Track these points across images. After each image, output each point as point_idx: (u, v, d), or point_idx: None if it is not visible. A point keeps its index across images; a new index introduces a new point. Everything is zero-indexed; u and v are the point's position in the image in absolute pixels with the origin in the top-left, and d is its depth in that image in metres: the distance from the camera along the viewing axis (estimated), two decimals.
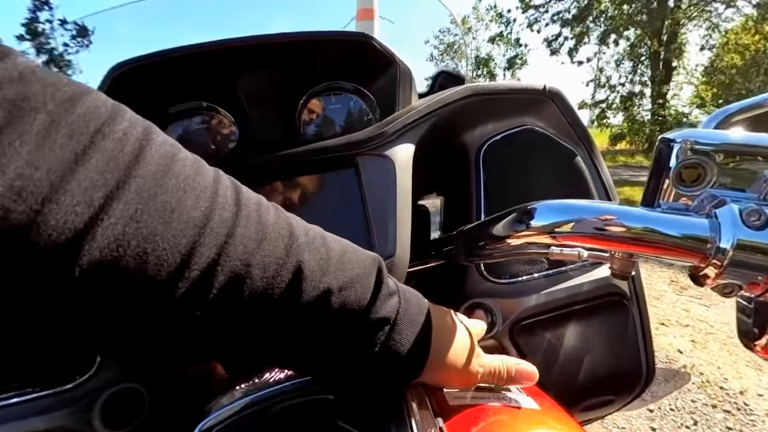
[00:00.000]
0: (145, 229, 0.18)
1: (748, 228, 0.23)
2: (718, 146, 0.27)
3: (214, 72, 0.45)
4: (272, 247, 0.23)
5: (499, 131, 0.59)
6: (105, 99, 0.20)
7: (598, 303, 0.51)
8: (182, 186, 0.21)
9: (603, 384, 0.50)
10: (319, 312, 0.25)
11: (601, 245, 0.30)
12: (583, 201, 0.31)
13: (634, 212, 0.28)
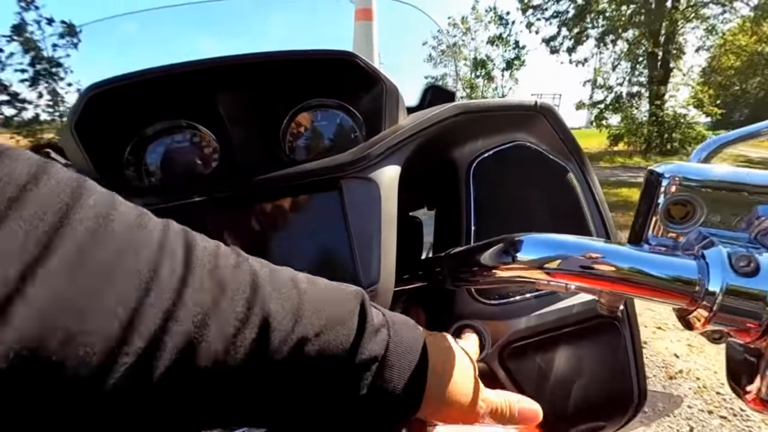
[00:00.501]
0: (72, 306, 0.16)
1: (737, 274, 0.22)
2: (707, 182, 0.26)
3: (193, 91, 0.44)
4: (231, 304, 0.21)
5: (489, 147, 0.58)
6: (27, 158, 0.18)
7: (589, 325, 0.50)
8: (120, 248, 0.18)
9: (594, 409, 0.49)
10: (294, 364, 0.23)
11: (587, 284, 0.29)
12: (571, 237, 0.30)
13: (621, 251, 0.27)
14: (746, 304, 0.22)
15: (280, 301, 0.23)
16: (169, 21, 0.82)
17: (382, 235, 0.42)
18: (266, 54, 0.41)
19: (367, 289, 0.40)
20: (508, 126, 0.58)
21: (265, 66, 0.42)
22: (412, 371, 0.28)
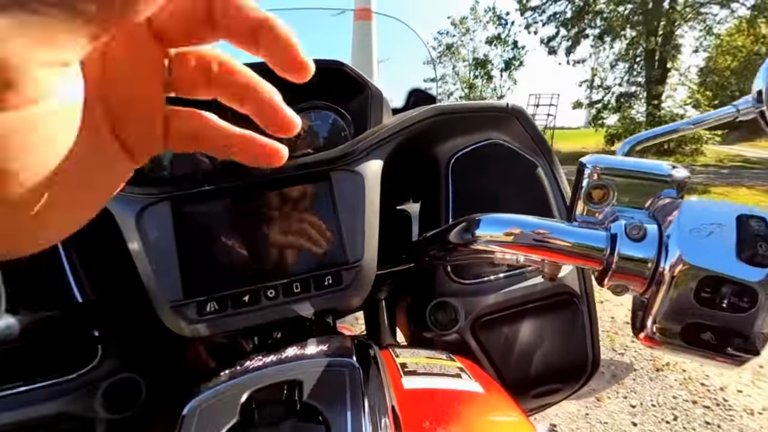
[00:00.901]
0: None
1: (630, 239, 0.29)
2: (619, 171, 0.33)
3: None
4: None
5: (467, 144, 0.65)
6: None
7: (551, 301, 0.56)
8: None
9: (553, 374, 0.56)
10: None
11: (527, 252, 0.35)
12: (518, 216, 0.37)
13: (553, 226, 0.34)
14: (635, 263, 0.29)
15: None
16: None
17: (366, 218, 0.48)
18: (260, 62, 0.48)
19: (353, 263, 0.47)
20: (484, 126, 0.65)
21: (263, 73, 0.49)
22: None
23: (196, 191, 0.47)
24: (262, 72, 0.51)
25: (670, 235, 0.28)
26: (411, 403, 0.38)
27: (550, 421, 1.86)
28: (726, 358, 0.26)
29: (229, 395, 0.34)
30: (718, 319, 0.26)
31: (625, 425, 1.82)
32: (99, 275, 0.52)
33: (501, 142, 0.65)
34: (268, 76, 0.51)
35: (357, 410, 0.32)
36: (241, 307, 0.45)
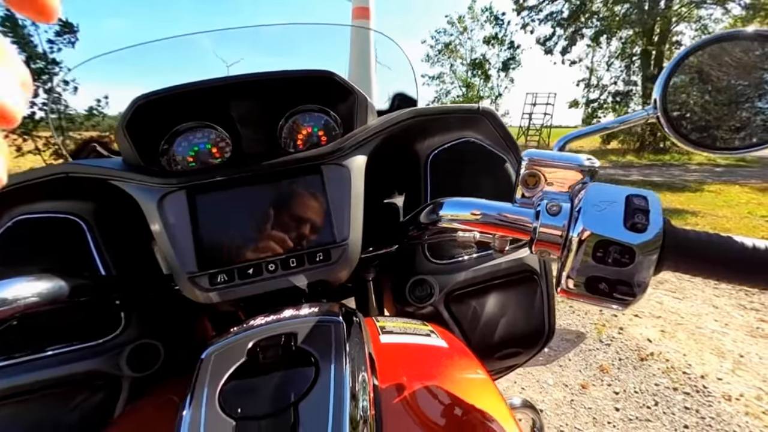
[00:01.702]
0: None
1: (549, 215, 0.38)
2: (546, 162, 0.41)
3: (212, 100, 0.59)
4: None
5: (444, 143, 0.73)
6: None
7: (514, 278, 0.65)
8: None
9: (514, 339, 0.64)
10: None
11: (479, 228, 0.44)
12: (474, 199, 0.45)
13: (497, 207, 0.43)
14: (552, 233, 0.37)
15: None
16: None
17: (352, 205, 0.57)
18: (266, 73, 0.56)
19: (340, 242, 0.55)
20: (459, 126, 0.73)
21: (264, 82, 0.57)
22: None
23: (208, 182, 0.56)
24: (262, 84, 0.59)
25: (578, 210, 0.36)
26: (386, 353, 0.46)
27: (536, 407, 1.95)
28: (615, 302, 0.35)
29: (238, 343, 0.43)
30: (609, 272, 0.35)
31: (607, 410, 1.92)
32: (120, 254, 0.61)
33: (474, 140, 0.73)
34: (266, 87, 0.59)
35: (340, 355, 0.40)
36: (246, 278, 0.53)
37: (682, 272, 0.35)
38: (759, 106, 0.42)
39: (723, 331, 2.62)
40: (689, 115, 0.45)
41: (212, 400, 0.36)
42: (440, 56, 21.29)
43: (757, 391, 2.01)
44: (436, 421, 0.39)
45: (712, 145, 0.42)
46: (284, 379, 0.37)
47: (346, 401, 0.34)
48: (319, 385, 0.36)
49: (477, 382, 0.45)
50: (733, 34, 0.42)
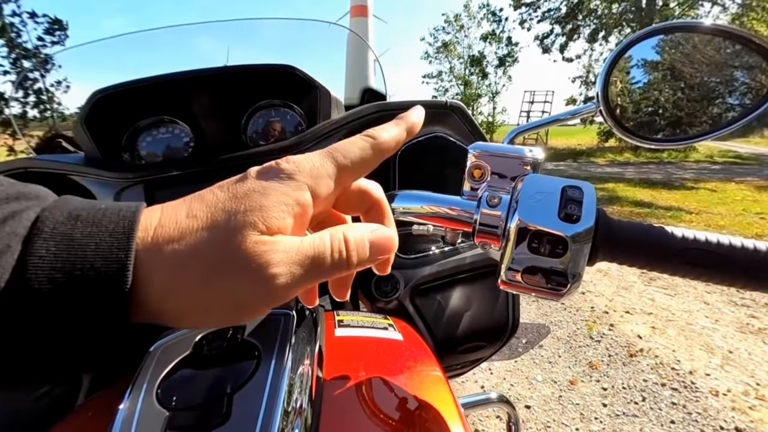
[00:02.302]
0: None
1: (489, 206, 0.38)
2: (491, 154, 0.41)
3: (173, 95, 0.59)
4: None
5: (413, 137, 0.73)
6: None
7: (479, 272, 0.65)
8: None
9: (478, 333, 0.64)
10: None
11: (428, 221, 0.44)
12: (424, 192, 0.45)
13: (445, 199, 0.43)
14: (491, 224, 0.37)
15: None
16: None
17: None
18: (225, 67, 0.56)
19: None
20: (429, 121, 0.73)
21: (225, 76, 0.57)
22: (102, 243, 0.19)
23: (166, 176, 0.56)
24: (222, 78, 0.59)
25: (517, 201, 0.36)
26: (338, 346, 0.46)
27: (525, 403, 1.96)
28: (550, 292, 0.35)
29: (186, 336, 0.43)
30: (544, 263, 0.35)
31: (595, 406, 1.92)
32: None
33: (443, 135, 0.73)
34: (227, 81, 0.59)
35: (283, 347, 0.40)
36: None
37: (618, 262, 0.36)
38: (692, 96, 0.43)
39: (713, 327, 2.63)
40: (631, 107, 0.45)
41: (150, 391, 0.36)
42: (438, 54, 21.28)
43: (745, 386, 2.02)
44: (378, 413, 0.39)
45: (652, 137, 0.42)
46: (224, 371, 0.37)
47: (281, 393, 0.34)
48: (257, 377, 0.36)
49: (427, 377, 0.45)
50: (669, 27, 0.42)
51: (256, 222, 0.21)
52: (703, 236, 0.33)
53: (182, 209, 0.21)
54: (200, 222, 0.20)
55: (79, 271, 0.18)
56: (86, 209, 0.20)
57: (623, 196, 6.68)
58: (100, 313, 0.18)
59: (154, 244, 0.20)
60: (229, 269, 0.20)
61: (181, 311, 0.21)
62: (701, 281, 0.33)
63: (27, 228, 0.18)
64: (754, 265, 0.31)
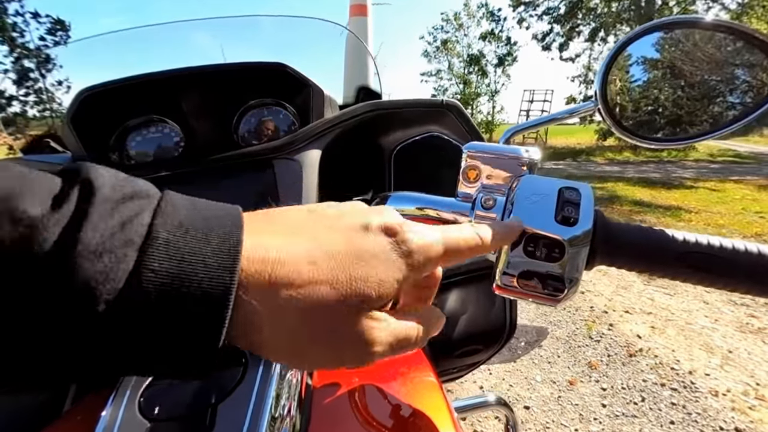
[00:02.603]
0: None
1: (484, 208, 0.36)
2: (486, 154, 0.40)
3: (162, 93, 0.57)
4: None
5: (409, 137, 0.72)
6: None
7: (473, 275, 0.64)
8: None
9: (475, 336, 0.63)
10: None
11: (421, 221, 0.43)
12: (417, 194, 0.44)
13: (439, 200, 0.41)
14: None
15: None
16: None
17: (303, 200, 0.55)
18: (216, 65, 0.55)
19: None
20: (424, 120, 0.72)
21: (215, 74, 0.56)
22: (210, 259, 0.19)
23: (155, 176, 0.54)
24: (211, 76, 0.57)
25: (512, 203, 0.35)
26: None
27: (523, 404, 1.95)
28: (546, 297, 0.34)
29: None
30: (540, 267, 0.34)
31: (594, 406, 1.91)
32: None
33: (439, 134, 0.72)
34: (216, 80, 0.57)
35: None
36: None
37: (616, 267, 0.34)
38: (692, 94, 0.41)
39: (713, 327, 2.62)
40: (631, 105, 0.44)
41: (132, 401, 0.35)
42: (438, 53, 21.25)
43: (744, 386, 2.01)
44: (369, 420, 0.38)
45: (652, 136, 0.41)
46: (209, 381, 0.36)
47: (268, 403, 0.33)
48: (243, 387, 0.34)
49: (420, 383, 0.44)
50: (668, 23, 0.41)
51: (371, 296, 0.22)
52: (705, 239, 0.32)
53: (300, 249, 0.21)
54: (321, 274, 0.21)
55: (186, 288, 0.18)
56: (193, 218, 0.20)
57: (622, 195, 6.67)
58: (196, 332, 0.18)
59: (271, 282, 0.20)
60: (337, 337, 0.21)
61: (271, 347, 0.21)
62: (702, 286, 0.32)
63: (142, 236, 0.18)
64: (758, 270, 0.30)
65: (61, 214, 0.17)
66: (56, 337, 0.16)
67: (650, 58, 0.44)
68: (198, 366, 0.19)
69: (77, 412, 0.46)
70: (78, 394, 0.55)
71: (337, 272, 0.21)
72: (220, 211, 0.21)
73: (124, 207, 0.18)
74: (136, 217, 0.18)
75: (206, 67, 0.55)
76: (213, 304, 0.18)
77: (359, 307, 0.21)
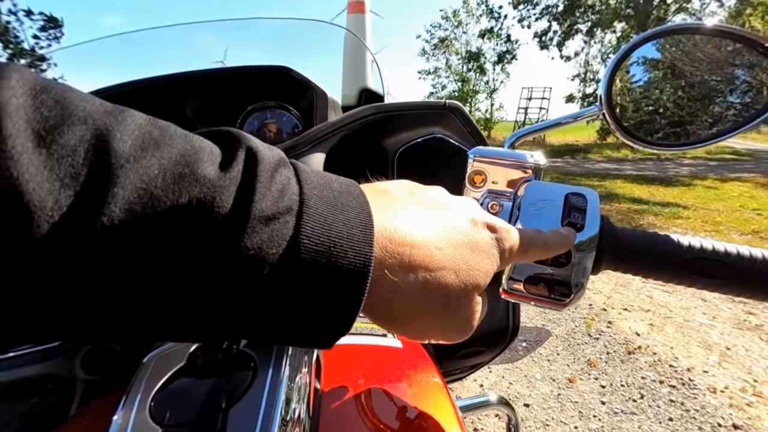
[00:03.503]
0: None
1: (491, 214, 0.37)
2: (492, 159, 0.40)
3: (166, 97, 0.57)
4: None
5: (412, 139, 0.72)
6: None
7: None
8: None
9: (477, 338, 0.63)
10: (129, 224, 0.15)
11: None
12: None
13: None
14: None
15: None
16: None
17: None
18: (219, 69, 0.55)
19: None
20: (427, 122, 0.72)
21: (218, 78, 0.56)
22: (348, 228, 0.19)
23: None
24: (214, 80, 0.58)
25: (519, 209, 0.36)
26: (335, 354, 0.46)
27: (523, 402, 1.96)
28: (553, 302, 0.34)
29: (180, 347, 0.42)
30: (547, 272, 0.34)
31: (593, 404, 1.92)
32: None
33: (442, 136, 0.72)
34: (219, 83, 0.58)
35: (280, 358, 0.39)
36: None
37: (622, 272, 0.35)
38: (694, 94, 0.42)
39: (711, 324, 2.64)
40: (632, 106, 0.44)
41: (144, 405, 0.35)
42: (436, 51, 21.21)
43: (742, 383, 2.03)
44: (377, 422, 0.38)
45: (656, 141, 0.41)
46: (219, 384, 0.36)
47: (278, 407, 0.33)
48: (253, 391, 0.35)
49: (426, 384, 0.44)
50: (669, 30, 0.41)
51: (480, 284, 0.25)
52: (710, 245, 0.32)
53: (429, 235, 0.23)
54: (448, 261, 0.23)
55: (334, 258, 0.19)
56: (326, 188, 0.21)
57: (620, 192, 6.68)
58: (340, 301, 0.19)
59: (411, 262, 0.22)
60: (451, 315, 0.25)
61: (393, 320, 0.24)
62: (708, 291, 0.33)
63: (298, 204, 0.19)
64: (764, 276, 0.30)
65: (232, 178, 0.17)
66: (218, 295, 0.17)
67: (651, 58, 0.44)
68: (333, 334, 0.21)
69: (85, 416, 0.46)
70: (84, 398, 0.55)
71: (459, 261, 0.24)
72: (343, 184, 0.22)
73: (279, 174, 0.19)
74: (288, 185, 0.19)
75: (210, 71, 0.55)
76: (356, 274, 0.19)
77: (472, 292, 0.25)
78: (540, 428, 1.80)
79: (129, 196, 0.15)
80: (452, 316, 0.25)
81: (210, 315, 0.18)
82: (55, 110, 0.14)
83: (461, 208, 0.27)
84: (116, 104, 0.17)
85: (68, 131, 0.14)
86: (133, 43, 0.80)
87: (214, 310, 0.17)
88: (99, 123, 0.15)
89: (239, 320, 0.18)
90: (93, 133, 0.15)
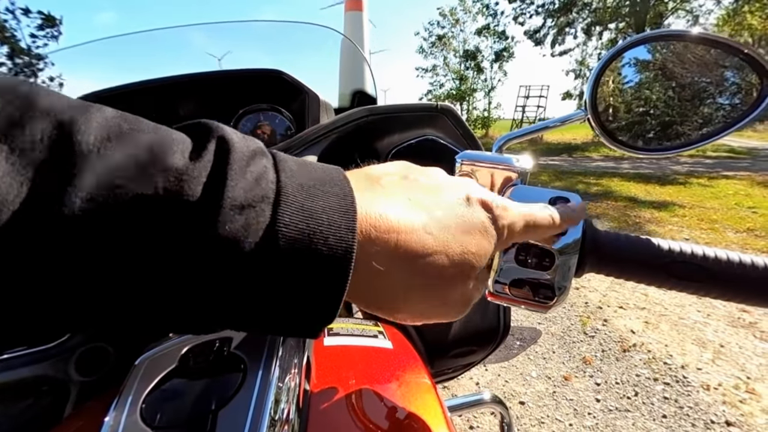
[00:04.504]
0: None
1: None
2: (479, 162, 0.41)
3: (160, 100, 0.58)
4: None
5: (404, 140, 0.73)
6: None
7: None
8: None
9: (468, 337, 0.64)
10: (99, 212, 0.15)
11: None
12: None
13: None
14: None
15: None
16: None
17: None
18: (212, 72, 0.55)
19: None
20: (419, 124, 0.73)
21: (212, 81, 0.56)
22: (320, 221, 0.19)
23: None
24: (206, 83, 0.58)
25: None
26: (326, 356, 0.46)
27: (519, 399, 1.97)
28: (537, 305, 0.35)
29: (172, 349, 0.42)
30: (531, 275, 0.35)
31: (588, 401, 1.94)
32: None
33: (434, 138, 0.73)
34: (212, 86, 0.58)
35: (270, 360, 0.39)
36: None
37: (604, 274, 0.35)
38: (683, 96, 0.42)
39: (705, 322, 2.66)
40: (623, 107, 0.45)
41: (134, 407, 0.35)
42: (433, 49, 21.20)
43: (736, 380, 2.05)
44: (365, 423, 0.39)
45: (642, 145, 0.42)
46: (209, 386, 0.37)
47: (267, 407, 0.34)
48: (243, 392, 0.35)
49: (415, 385, 0.45)
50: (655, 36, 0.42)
51: (475, 265, 0.25)
52: (689, 249, 0.33)
53: (418, 220, 0.23)
54: (438, 245, 0.23)
55: (314, 245, 0.18)
56: (307, 176, 0.20)
57: (617, 191, 6.71)
58: (322, 287, 0.19)
59: (398, 248, 0.22)
60: (445, 297, 0.25)
61: (383, 305, 0.24)
62: (689, 294, 0.33)
63: (274, 192, 0.19)
64: (747, 280, 0.31)
65: (202, 167, 0.17)
66: (194, 285, 0.17)
67: (641, 59, 0.45)
68: (318, 322, 0.20)
69: (79, 417, 0.47)
70: (79, 400, 0.55)
71: (451, 243, 0.23)
72: (326, 171, 0.22)
73: (254, 163, 0.19)
74: (264, 173, 0.19)
75: (204, 74, 0.56)
76: (338, 261, 0.19)
77: (467, 274, 0.24)
78: (535, 426, 1.81)
79: (90, 186, 0.15)
80: (444, 300, 0.25)
81: (189, 304, 0.18)
82: (18, 106, 0.15)
83: (456, 188, 0.27)
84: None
85: (30, 125, 0.15)
86: (129, 45, 0.81)
87: (193, 300, 0.18)
88: (62, 116, 0.16)
89: (221, 309, 0.18)
90: (56, 125, 0.15)
